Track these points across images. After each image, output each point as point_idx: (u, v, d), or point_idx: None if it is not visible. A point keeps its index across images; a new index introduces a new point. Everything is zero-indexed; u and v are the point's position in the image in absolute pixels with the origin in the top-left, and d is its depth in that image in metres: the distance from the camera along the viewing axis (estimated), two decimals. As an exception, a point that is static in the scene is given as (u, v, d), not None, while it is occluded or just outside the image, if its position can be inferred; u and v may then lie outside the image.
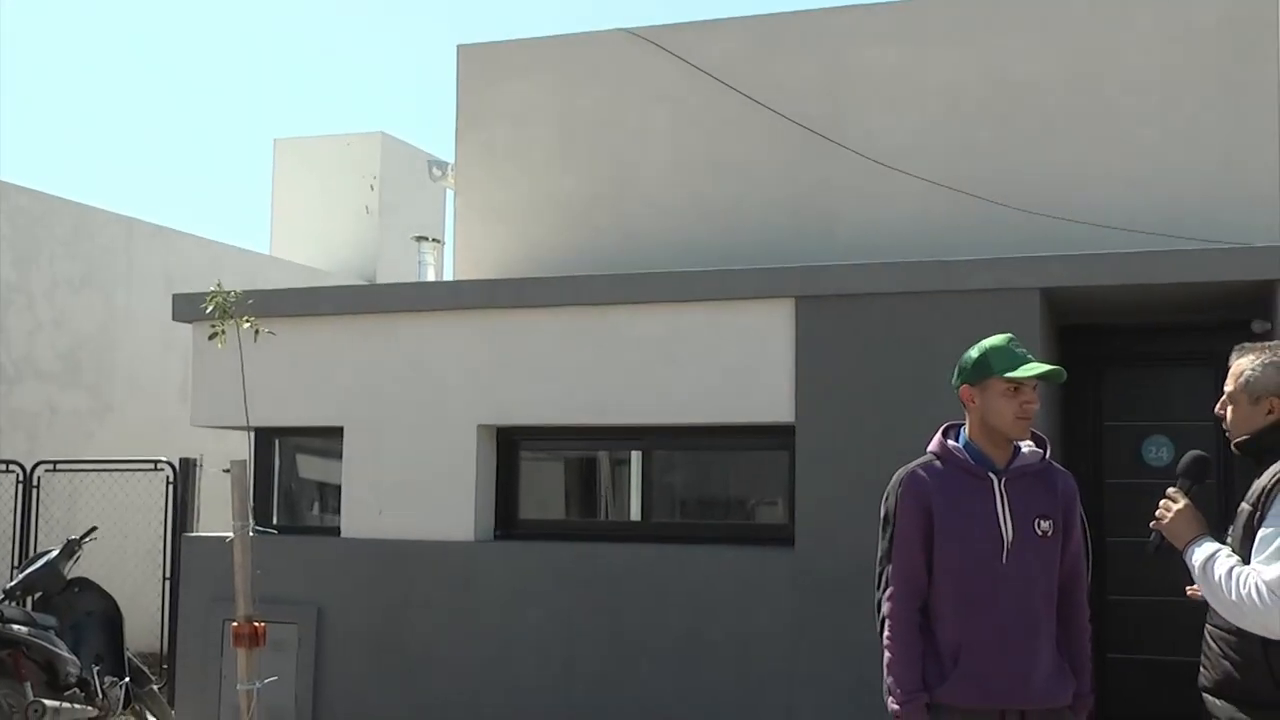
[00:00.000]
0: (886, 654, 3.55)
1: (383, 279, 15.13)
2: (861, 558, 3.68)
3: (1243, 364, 3.37)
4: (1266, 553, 3.13)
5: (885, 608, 3.57)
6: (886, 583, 3.57)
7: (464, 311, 7.15)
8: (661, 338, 6.78)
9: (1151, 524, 3.43)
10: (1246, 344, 3.47)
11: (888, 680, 3.55)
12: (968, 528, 3.52)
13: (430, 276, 13.87)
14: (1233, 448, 3.42)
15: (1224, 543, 3.28)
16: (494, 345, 7.07)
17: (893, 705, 3.54)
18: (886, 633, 3.55)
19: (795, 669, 6.36)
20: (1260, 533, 3.16)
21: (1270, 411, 3.30)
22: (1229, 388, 3.40)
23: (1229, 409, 3.40)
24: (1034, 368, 3.56)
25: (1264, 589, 3.08)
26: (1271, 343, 3.45)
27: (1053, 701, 3.56)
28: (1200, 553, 3.28)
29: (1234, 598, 3.14)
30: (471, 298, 7.19)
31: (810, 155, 7.74)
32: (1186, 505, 3.40)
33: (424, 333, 7.21)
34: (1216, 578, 3.20)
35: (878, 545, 3.63)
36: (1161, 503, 3.43)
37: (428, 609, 7.03)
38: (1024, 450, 3.64)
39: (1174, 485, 3.47)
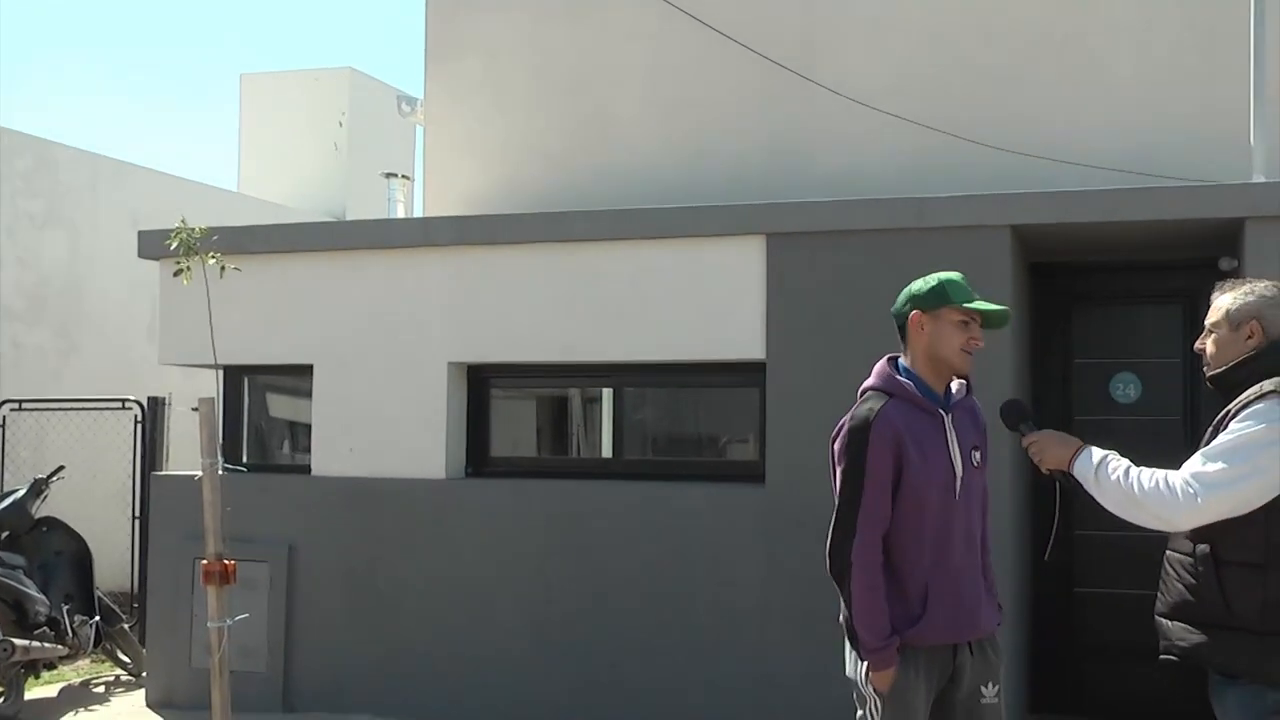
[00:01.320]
0: (856, 600, 3.49)
1: (352, 216, 14.99)
2: (831, 494, 3.68)
3: (1225, 299, 3.41)
4: (1200, 453, 3.19)
5: (852, 551, 3.49)
6: (852, 526, 3.50)
7: (434, 248, 7.09)
8: (633, 275, 6.74)
9: (1046, 471, 3.50)
10: (1229, 280, 3.51)
11: (855, 625, 3.50)
12: (931, 465, 3.53)
13: (400, 213, 13.77)
14: (1207, 382, 3.44)
15: None
16: (464, 282, 7.02)
17: (863, 651, 3.49)
18: (855, 576, 3.48)
19: (767, 603, 6.41)
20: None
21: (1250, 336, 3.32)
22: (1211, 320, 3.42)
23: (1209, 339, 3.42)
24: (987, 303, 3.64)
25: (1176, 481, 3.15)
26: (1253, 279, 3.48)
27: (992, 627, 3.66)
28: (1094, 455, 3.36)
29: (1136, 492, 3.21)
30: (441, 234, 7.13)
31: (785, 93, 7.68)
32: (1042, 433, 3.51)
33: (394, 270, 7.15)
34: (1114, 477, 3.28)
35: (837, 488, 3.58)
36: (1030, 453, 3.51)
37: (399, 547, 7.04)
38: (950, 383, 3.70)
39: (1021, 437, 3.58)
